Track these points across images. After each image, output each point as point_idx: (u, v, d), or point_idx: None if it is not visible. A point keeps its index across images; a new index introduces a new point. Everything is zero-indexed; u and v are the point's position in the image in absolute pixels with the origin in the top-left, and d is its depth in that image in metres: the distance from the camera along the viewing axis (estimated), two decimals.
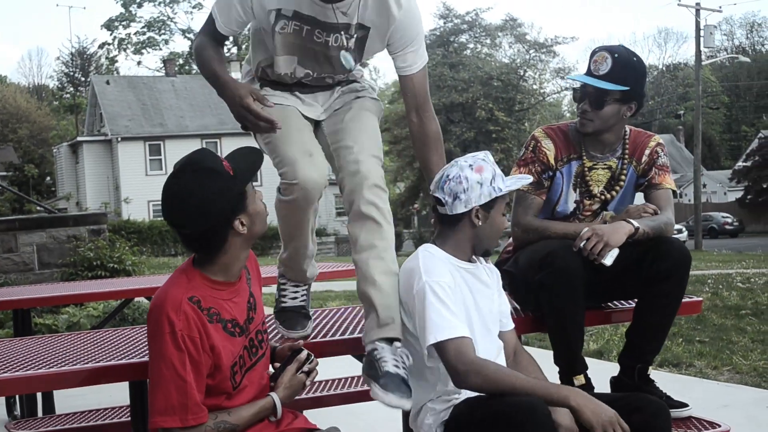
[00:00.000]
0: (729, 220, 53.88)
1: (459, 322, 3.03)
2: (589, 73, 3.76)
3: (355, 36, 3.36)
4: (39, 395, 5.06)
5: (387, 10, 3.30)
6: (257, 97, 3.19)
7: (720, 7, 40.14)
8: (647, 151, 3.89)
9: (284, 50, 3.38)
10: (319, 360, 3.18)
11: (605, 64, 3.71)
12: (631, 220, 3.60)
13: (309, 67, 3.43)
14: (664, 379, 5.92)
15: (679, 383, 5.95)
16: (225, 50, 3.58)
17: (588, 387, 3.58)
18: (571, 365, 3.61)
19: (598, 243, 3.47)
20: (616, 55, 3.71)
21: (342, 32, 3.33)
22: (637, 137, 3.92)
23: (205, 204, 2.79)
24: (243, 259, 2.98)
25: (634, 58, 3.77)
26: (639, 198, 3.97)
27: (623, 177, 3.86)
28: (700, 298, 4.18)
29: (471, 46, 53.29)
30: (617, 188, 3.86)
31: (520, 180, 3.32)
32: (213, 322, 2.84)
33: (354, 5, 3.27)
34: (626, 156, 3.87)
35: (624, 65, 3.72)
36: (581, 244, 3.50)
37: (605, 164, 3.87)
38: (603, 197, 3.86)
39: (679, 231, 41.19)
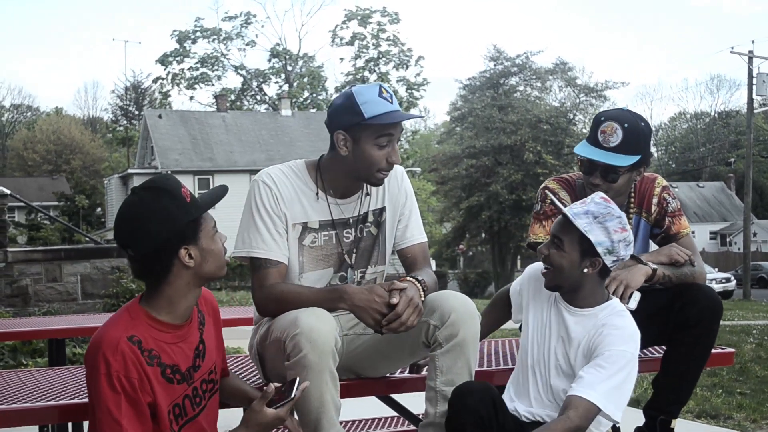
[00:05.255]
0: None
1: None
2: (596, 143, 3.60)
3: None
4: (69, 425, 5.08)
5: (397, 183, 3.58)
6: (386, 287, 3.16)
7: None
8: (654, 200, 3.82)
9: (316, 264, 3.45)
10: (344, 400, 3.15)
11: (615, 135, 3.56)
12: (648, 262, 3.55)
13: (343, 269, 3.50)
14: (701, 431, 5.84)
15: None
16: (276, 88, 3.65)
17: None
18: None
19: (618, 288, 3.41)
20: (626, 126, 3.57)
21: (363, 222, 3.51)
22: (641, 185, 3.83)
23: (149, 223, 2.72)
24: (191, 298, 2.86)
25: (642, 123, 3.64)
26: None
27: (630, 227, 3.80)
28: (732, 349, 4.10)
29: (521, 88, 53.28)
30: None
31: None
32: (152, 365, 2.74)
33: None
34: (632, 206, 3.81)
35: (635, 135, 3.58)
36: None
37: None
38: None
39: (728, 280, 40.59)
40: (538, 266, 3.42)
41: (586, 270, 3.17)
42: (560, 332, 3.25)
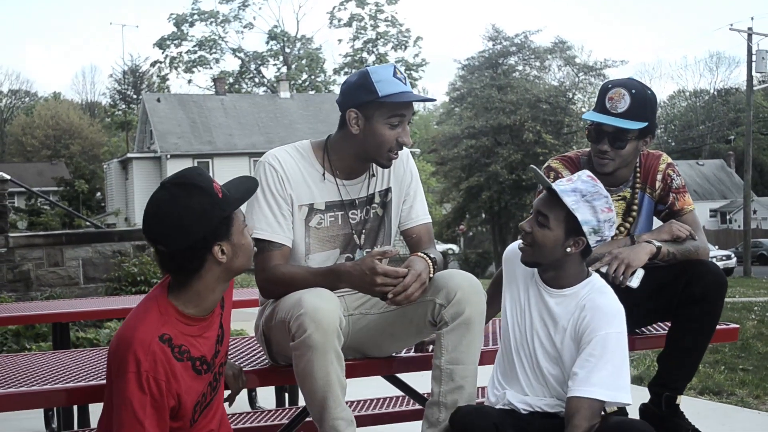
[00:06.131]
0: None
1: None
2: (604, 110, 3.61)
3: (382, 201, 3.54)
4: (75, 408, 5.10)
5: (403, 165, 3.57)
6: (379, 256, 3.13)
7: None
8: (659, 176, 3.81)
9: (322, 245, 3.45)
10: (350, 380, 3.16)
11: (623, 101, 3.57)
12: (653, 240, 3.55)
13: (348, 250, 3.50)
14: (703, 407, 5.86)
15: (719, 411, 5.85)
16: (275, 70, 3.64)
17: (622, 414, 3.54)
18: None
19: (620, 266, 3.40)
20: (633, 92, 3.58)
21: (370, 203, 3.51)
22: (647, 160, 3.83)
23: (184, 221, 2.67)
24: (219, 292, 2.84)
25: (648, 92, 3.65)
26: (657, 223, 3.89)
27: (635, 205, 3.79)
28: (737, 325, 4.10)
29: (519, 68, 53.15)
30: (630, 218, 3.78)
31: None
32: (183, 361, 2.73)
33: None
34: (638, 183, 3.80)
35: (642, 101, 3.60)
36: (603, 269, 3.44)
37: (619, 195, 3.79)
38: (620, 231, 3.76)
39: (728, 257, 40.65)
40: (512, 247, 3.38)
41: (569, 249, 3.10)
42: (542, 315, 3.19)
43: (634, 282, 3.40)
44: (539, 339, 3.18)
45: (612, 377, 3.00)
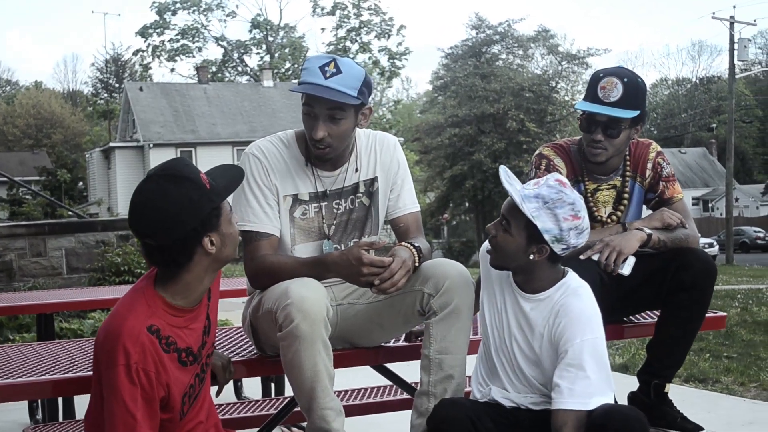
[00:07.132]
0: (761, 235, 53.27)
1: None
2: (596, 100, 3.57)
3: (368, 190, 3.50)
4: (60, 400, 5.07)
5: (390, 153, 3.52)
6: (365, 247, 3.11)
7: (755, 20, 39.95)
8: (649, 164, 3.79)
9: (308, 236, 3.43)
10: (339, 370, 3.15)
11: (616, 90, 3.54)
12: (644, 227, 3.54)
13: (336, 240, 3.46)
14: (689, 395, 5.88)
15: (704, 399, 5.87)
16: (258, 59, 3.59)
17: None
18: None
19: (611, 253, 3.40)
20: (625, 80, 3.56)
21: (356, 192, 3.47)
22: (636, 149, 3.81)
23: (173, 214, 2.61)
24: (207, 282, 2.81)
25: (639, 80, 3.63)
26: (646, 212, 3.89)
27: (626, 193, 3.77)
28: (724, 313, 4.11)
29: (503, 56, 53.25)
30: (622, 207, 3.76)
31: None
32: (169, 352, 2.70)
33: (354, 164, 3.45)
34: (628, 171, 3.78)
35: (634, 89, 3.57)
36: (595, 257, 3.43)
37: (609, 184, 3.77)
38: (611, 219, 3.75)
39: (710, 245, 40.82)
40: (486, 245, 3.26)
41: (532, 256, 3.00)
42: (519, 320, 3.11)
43: (626, 269, 3.40)
44: (518, 344, 3.11)
45: (595, 385, 2.94)
